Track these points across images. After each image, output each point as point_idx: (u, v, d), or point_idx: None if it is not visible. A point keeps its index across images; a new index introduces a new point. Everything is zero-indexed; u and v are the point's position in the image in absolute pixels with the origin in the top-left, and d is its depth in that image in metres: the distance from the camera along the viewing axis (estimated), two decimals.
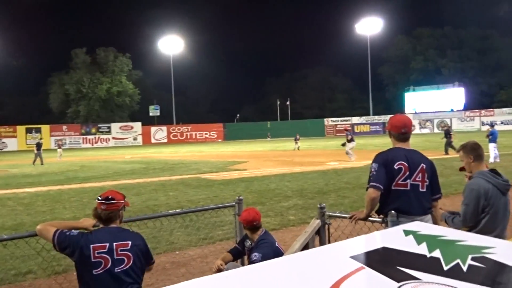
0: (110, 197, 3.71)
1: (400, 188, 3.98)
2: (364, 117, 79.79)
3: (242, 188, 14.67)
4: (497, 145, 20.99)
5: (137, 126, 74.29)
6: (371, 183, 3.99)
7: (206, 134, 76.95)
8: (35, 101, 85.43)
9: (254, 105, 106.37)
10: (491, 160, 19.67)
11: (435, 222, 4.11)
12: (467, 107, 72.77)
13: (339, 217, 4.44)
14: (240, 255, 5.10)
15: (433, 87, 77.33)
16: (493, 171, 4.31)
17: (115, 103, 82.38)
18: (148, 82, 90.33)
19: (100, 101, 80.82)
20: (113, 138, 71.42)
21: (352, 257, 1.87)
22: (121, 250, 3.49)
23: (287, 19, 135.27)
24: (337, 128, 76.76)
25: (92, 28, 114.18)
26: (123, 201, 3.80)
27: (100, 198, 3.70)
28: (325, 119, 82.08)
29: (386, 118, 75.09)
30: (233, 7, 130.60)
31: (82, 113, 79.90)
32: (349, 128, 35.30)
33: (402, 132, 4.15)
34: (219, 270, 4.69)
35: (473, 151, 4.40)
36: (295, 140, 39.26)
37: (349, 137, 24.30)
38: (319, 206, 4.59)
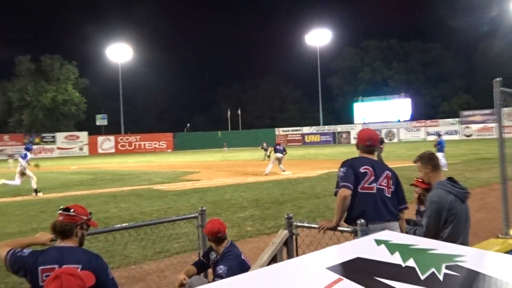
0: (71, 209, 3.44)
1: (367, 191, 4.11)
2: (314, 127, 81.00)
3: (196, 199, 14.42)
4: (445, 154, 21.75)
5: (83, 135, 72.03)
6: (342, 183, 4.09)
7: (155, 144, 75.49)
8: None
9: (205, 114, 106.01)
10: None
11: (402, 232, 4.16)
12: (413, 118, 75.08)
13: (307, 227, 4.38)
14: (204, 268, 4.97)
15: (380, 98, 79.17)
16: (451, 179, 4.35)
17: (60, 112, 79.71)
18: (95, 90, 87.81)
19: (45, 110, 77.98)
20: (58, 148, 68.99)
21: (329, 268, 1.87)
22: None
23: (238, 30, 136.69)
24: (288, 138, 77.83)
25: (37, 35, 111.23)
26: (84, 217, 3.47)
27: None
28: (276, 129, 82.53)
29: (336, 128, 77.18)
30: (183, 17, 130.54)
31: (25, 122, 76.70)
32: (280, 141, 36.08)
33: (367, 144, 4.46)
34: (182, 285, 4.57)
35: (430, 161, 4.44)
36: (264, 148, 36.82)
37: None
38: (286, 216, 4.52)
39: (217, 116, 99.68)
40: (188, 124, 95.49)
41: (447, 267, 1.84)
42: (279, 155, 22.88)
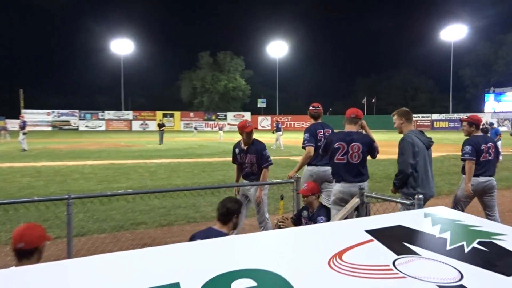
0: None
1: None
2: (443, 114, 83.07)
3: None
4: None
5: (247, 115, 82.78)
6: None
7: (303, 124, 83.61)
8: (170, 93, 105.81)
9: (344, 101, 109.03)
10: None
11: None
12: None
13: (375, 197, 4.65)
14: (297, 225, 5.37)
15: None
16: (420, 131, 5.31)
17: (230, 96, 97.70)
18: (257, 79, 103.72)
19: (219, 94, 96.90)
20: (228, 124, 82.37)
21: (367, 231, 1.94)
22: None
23: (377, 24, 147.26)
24: (418, 123, 79.24)
25: (215, 35, 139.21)
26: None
27: None
28: None
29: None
30: (328, 15, 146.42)
31: (205, 103, 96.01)
32: (280, 120, 37.89)
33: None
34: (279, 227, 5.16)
35: (405, 114, 5.40)
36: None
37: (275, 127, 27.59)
38: (359, 187, 4.76)
39: (355, 102, 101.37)
40: (330, 109, 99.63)
41: (479, 243, 1.83)
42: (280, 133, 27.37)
